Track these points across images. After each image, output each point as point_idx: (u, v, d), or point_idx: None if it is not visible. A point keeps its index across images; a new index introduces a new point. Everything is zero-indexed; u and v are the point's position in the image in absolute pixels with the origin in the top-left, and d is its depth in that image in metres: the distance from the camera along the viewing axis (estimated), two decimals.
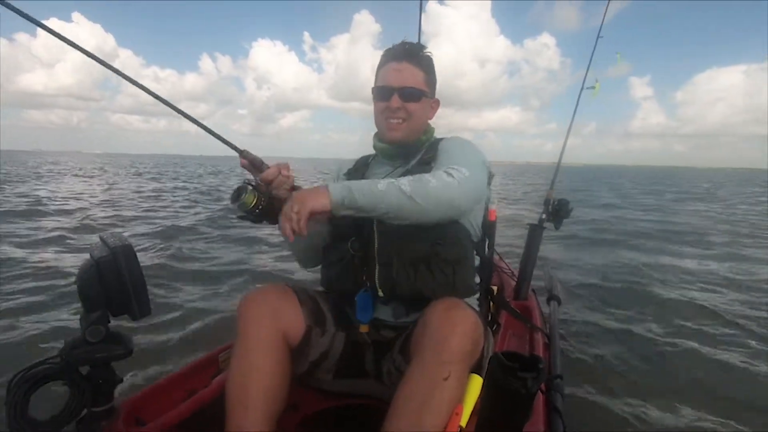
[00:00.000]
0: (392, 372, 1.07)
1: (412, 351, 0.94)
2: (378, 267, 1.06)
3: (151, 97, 1.00)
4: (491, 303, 1.29)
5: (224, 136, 1.06)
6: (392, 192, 0.92)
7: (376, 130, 1.25)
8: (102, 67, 0.93)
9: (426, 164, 1.13)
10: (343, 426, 1.26)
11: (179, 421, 1.09)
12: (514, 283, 2.27)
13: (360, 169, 1.29)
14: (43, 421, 0.88)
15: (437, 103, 1.23)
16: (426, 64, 1.17)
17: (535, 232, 2.37)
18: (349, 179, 1.27)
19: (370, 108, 1.22)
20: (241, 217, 1.00)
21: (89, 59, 0.91)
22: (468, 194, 0.99)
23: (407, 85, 1.13)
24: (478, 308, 1.16)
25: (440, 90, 1.23)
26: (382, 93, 1.15)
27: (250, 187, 0.97)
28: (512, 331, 1.70)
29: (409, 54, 1.15)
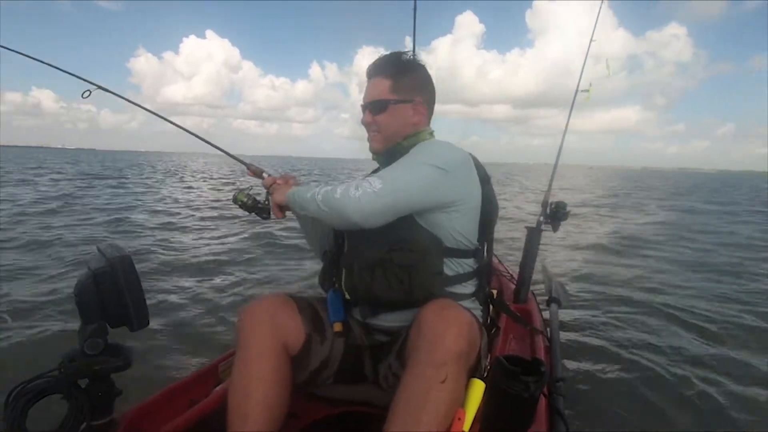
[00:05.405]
0: (389, 376, 1.08)
1: (407, 354, 0.94)
2: (344, 270, 1.11)
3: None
4: (491, 306, 1.29)
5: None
6: (311, 199, 1.05)
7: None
8: (229, 78, 0.96)
9: None
10: None
11: None
12: (513, 287, 2.27)
13: None
14: None
15: (420, 103, 1.19)
16: (395, 70, 1.16)
17: (533, 235, 2.37)
18: None
19: (471, 110, 1.23)
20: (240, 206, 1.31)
21: (220, 72, 0.93)
22: (363, 210, 0.96)
23: (373, 99, 1.18)
24: (481, 313, 1.16)
25: (543, 91, 1.16)
26: (362, 110, 1.22)
27: (244, 190, 1.31)
28: (513, 335, 1.69)
29: (378, 68, 1.19)
